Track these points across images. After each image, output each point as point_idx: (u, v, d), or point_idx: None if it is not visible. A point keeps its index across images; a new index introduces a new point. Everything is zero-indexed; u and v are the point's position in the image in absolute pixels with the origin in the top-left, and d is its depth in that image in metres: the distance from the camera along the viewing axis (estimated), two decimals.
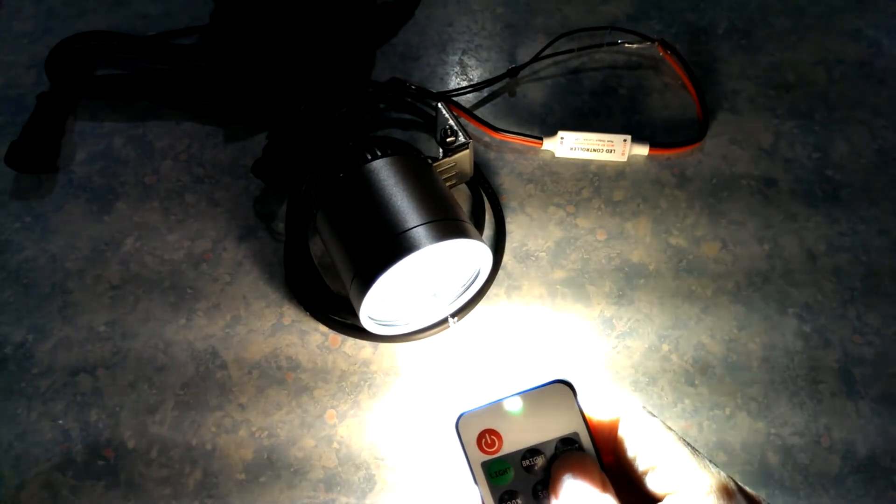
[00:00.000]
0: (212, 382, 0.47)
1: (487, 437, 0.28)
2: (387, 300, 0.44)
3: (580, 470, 0.27)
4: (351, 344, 0.48)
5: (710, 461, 0.27)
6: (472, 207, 0.53)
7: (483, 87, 0.58)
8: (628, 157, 0.54)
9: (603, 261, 0.51)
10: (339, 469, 0.44)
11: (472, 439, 0.28)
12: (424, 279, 0.44)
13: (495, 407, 0.29)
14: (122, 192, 0.54)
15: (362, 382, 0.47)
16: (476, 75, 0.60)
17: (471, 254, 0.44)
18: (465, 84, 0.58)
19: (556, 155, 0.55)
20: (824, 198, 0.53)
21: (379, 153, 0.44)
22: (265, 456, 0.45)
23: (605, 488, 0.26)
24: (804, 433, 0.45)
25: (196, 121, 0.57)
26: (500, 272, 0.50)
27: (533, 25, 0.62)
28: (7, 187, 0.54)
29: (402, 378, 0.47)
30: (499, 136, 0.55)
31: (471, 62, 0.60)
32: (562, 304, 0.49)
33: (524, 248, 0.51)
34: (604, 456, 0.28)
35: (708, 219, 0.52)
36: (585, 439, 0.28)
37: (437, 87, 0.58)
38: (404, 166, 0.43)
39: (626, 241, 0.52)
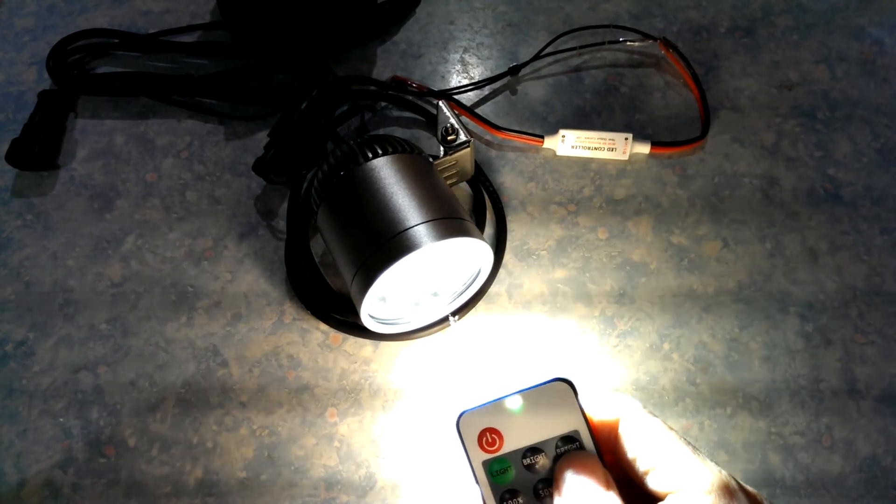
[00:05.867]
0: (213, 380, 0.47)
1: (488, 436, 0.28)
2: (388, 298, 0.44)
3: (584, 467, 0.27)
4: (352, 342, 0.48)
5: (711, 460, 0.27)
6: (473, 206, 0.53)
7: (484, 86, 0.58)
8: (630, 156, 0.54)
9: (604, 259, 0.51)
10: (340, 467, 0.44)
11: (472, 438, 0.28)
12: (425, 277, 0.44)
13: (496, 405, 0.29)
14: (123, 190, 0.54)
15: (363, 381, 0.47)
16: (477, 73, 0.59)
17: (472, 252, 0.44)
18: (466, 82, 0.58)
19: (558, 153, 0.55)
20: (826, 197, 0.53)
21: (380, 151, 0.43)
22: (266, 454, 0.45)
23: (608, 486, 0.26)
24: (805, 433, 0.45)
25: (197, 118, 0.57)
26: (501, 271, 0.50)
27: (534, 23, 0.62)
28: (8, 185, 0.54)
29: (402, 376, 0.47)
30: (500, 135, 0.55)
31: (472, 60, 0.60)
32: (563, 302, 0.49)
33: (525, 247, 0.51)
34: (604, 455, 0.28)
35: (709, 217, 0.52)
36: (586, 438, 0.28)
37: (438, 86, 0.58)
38: (405, 164, 0.43)
39: (628, 239, 0.52)
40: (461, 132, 0.47)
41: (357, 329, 0.48)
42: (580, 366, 0.47)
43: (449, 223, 0.40)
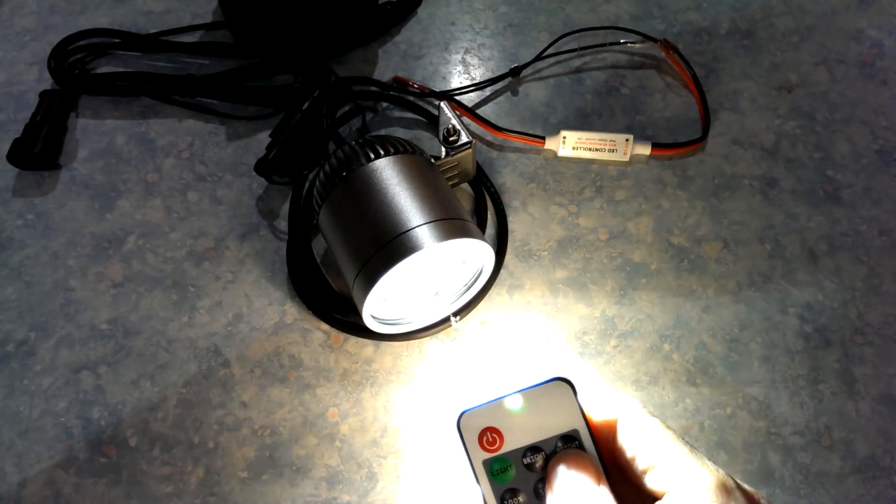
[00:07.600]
0: (214, 380, 0.47)
1: (489, 435, 0.29)
2: (389, 299, 0.44)
3: (575, 463, 0.27)
4: (353, 342, 0.48)
5: (711, 460, 0.27)
6: (475, 206, 0.53)
7: (486, 87, 0.58)
8: (630, 157, 0.54)
9: (605, 260, 0.51)
10: (342, 467, 0.44)
11: (473, 437, 0.29)
12: (427, 278, 0.44)
13: (496, 405, 0.29)
14: (124, 190, 0.54)
15: (364, 381, 0.47)
16: (478, 74, 0.60)
17: (473, 253, 0.44)
18: (467, 83, 0.58)
19: (559, 154, 0.55)
20: (826, 198, 0.53)
21: (381, 152, 0.44)
22: (267, 454, 0.45)
23: (599, 481, 0.27)
24: (805, 433, 0.45)
25: (198, 118, 0.57)
26: (502, 271, 0.51)
27: (535, 24, 0.62)
28: (9, 185, 0.54)
29: (403, 376, 0.47)
30: (501, 136, 0.55)
31: (473, 61, 0.60)
32: (563, 303, 0.49)
33: (526, 248, 0.52)
34: (603, 454, 0.28)
35: (710, 218, 0.53)
36: (585, 437, 0.28)
37: (439, 86, 0.58)
38: (407, 165, 0.43)
39: (628, 240, 0.52)
40: (463, 133, 0.47)
41: (358, 329, 0.48)
42: (581, 366, 0.47)
43: (450, 224, 0.40)
